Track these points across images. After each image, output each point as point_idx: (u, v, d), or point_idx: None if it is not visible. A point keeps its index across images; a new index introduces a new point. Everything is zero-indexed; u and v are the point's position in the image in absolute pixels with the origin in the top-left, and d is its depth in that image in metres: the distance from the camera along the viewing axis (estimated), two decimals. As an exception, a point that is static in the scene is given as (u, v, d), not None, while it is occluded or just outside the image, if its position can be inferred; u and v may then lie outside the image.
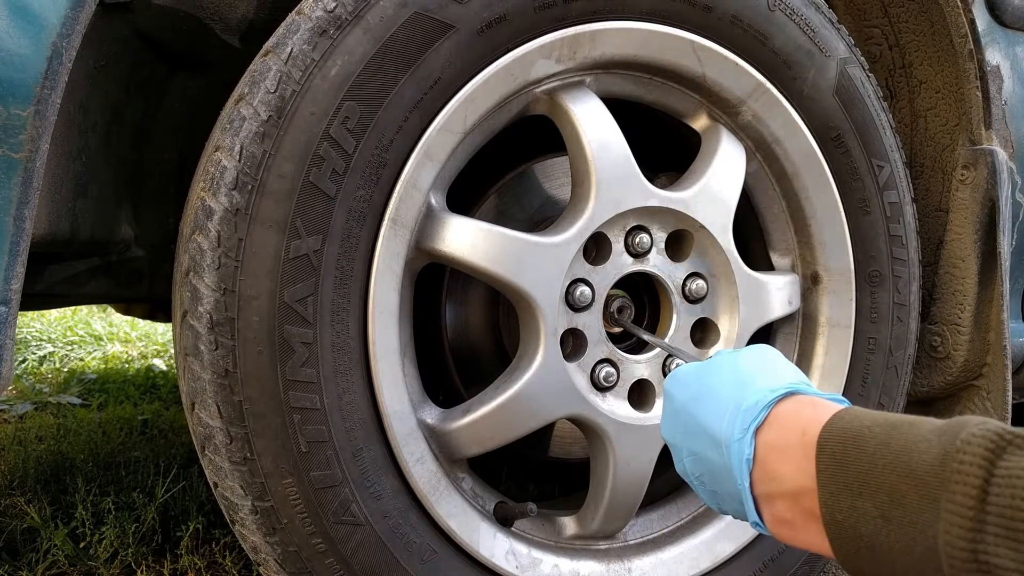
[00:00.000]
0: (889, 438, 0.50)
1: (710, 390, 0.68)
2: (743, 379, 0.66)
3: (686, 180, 1.09)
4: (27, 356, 2.98)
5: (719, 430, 0.64)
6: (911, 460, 0.48)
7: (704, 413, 0.67)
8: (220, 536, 1.35)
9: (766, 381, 0.64)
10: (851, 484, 0.51)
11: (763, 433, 0.60)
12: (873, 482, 0.50)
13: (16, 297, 0.74)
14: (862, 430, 0.52)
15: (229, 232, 0.81)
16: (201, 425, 0.85)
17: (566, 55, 0.97)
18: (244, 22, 1.04)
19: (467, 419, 0.97)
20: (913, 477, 0.47)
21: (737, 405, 0.63)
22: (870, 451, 0.51)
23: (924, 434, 0.49)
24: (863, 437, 0.52)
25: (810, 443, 0.56)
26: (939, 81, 1.29)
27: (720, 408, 0.65)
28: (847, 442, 0.53)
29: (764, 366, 0.68)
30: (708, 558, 1.11)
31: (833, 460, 0.53)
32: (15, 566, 1.24)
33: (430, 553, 0.93)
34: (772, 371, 0.66)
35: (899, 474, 0.48)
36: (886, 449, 0.50)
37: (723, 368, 0.69)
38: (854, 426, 0.53)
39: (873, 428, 0.52)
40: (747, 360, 0.69)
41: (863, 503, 0.50)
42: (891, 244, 1.19)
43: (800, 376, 0.66)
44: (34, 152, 0.73)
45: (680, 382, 0.73)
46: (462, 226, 0.94)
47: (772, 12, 1.06)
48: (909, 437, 0.49)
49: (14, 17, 0.72)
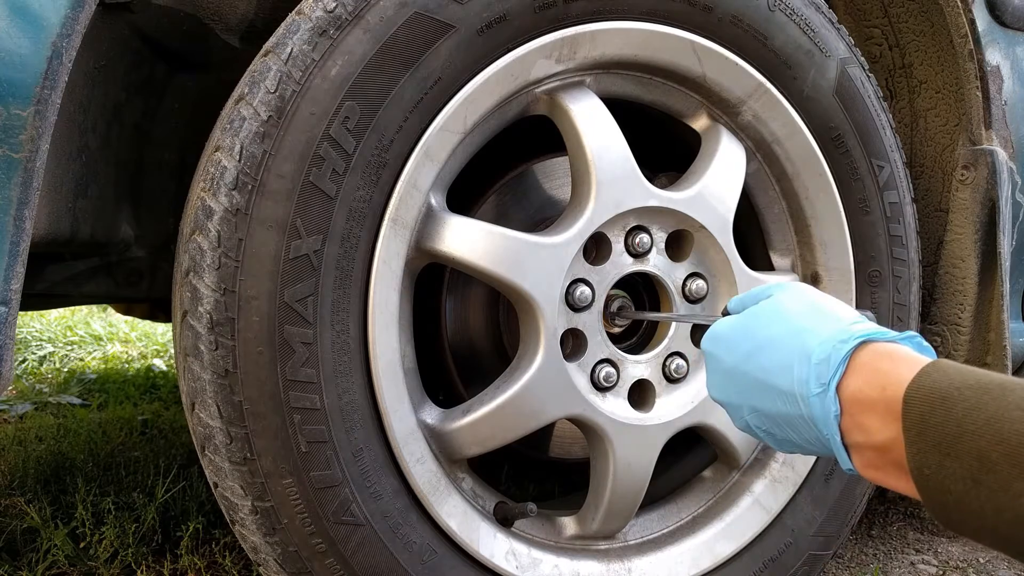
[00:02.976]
0: (980, 402, 0.50)
1: (767, 344, 0.66)
2: (799, 327, 0.64)
3: (686, 180, 1.09)
4: (27, 356, 2.98)
5: (789, 384, 0.63)
6: (1003, 428, 0.48)
7: (765, 369, 0.65)
8: (220, 536, 1.35)
9: (828, 328, 0.63)
10: (939, 444, 0.51)
11: (844, 387, 0.60)
12: (962, 445, 0.49)
13: (16, 297, 0.74)
14: (951, 391, 0.52)
15: (229, 232, 0.81)
16: (201, 425, 0.85)
17: (566, 55, 0.97)
18: (244, 22, 1.04)
19: (467, 419, 0.97)
20: (1005, 445, 0.47)
21: (805, 356, 0.62)
22: (958, 414, 0.50)
23: (1016, 401, 0.49)
24: (951, 398, 0.51)
25: (892, 399, 0.56)
26: (939, 81, 1.29)
27: (784, 362, 0.63)
28: (935, 402, 0.52)
29: (814, 309, 0.66)
30: (708, 558, 1.11)
31: (920, 419, 0.52)
32: (15, 566, 1.24)
33: (430, 553, 0.93)
34: (825, 314, 0.65)
35: (989, 440, 0.48)
36: (976, 413, 0.49)
37: (771, 319, 0.67)
38: (942, 385, 0.53)
39: (963, 390, 0.51)
40: (793, 305, 0.68)
41: (951, 463, 0.50)
42: (891, 244, 1.19)
43: (853, 314, 0.65)
44: (34, 152, 0.73)
45: (724, 340, 0.71)
46: (462, 226, 0.94)
47: (772, 12, 1.06)
48: (1001, 403, 0.49)
49: (14, 17, 0.72)
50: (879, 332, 0.62)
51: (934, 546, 1.54)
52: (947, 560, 1.48)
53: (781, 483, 1.16)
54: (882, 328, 0.63)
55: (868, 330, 0.62)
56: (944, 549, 1.53)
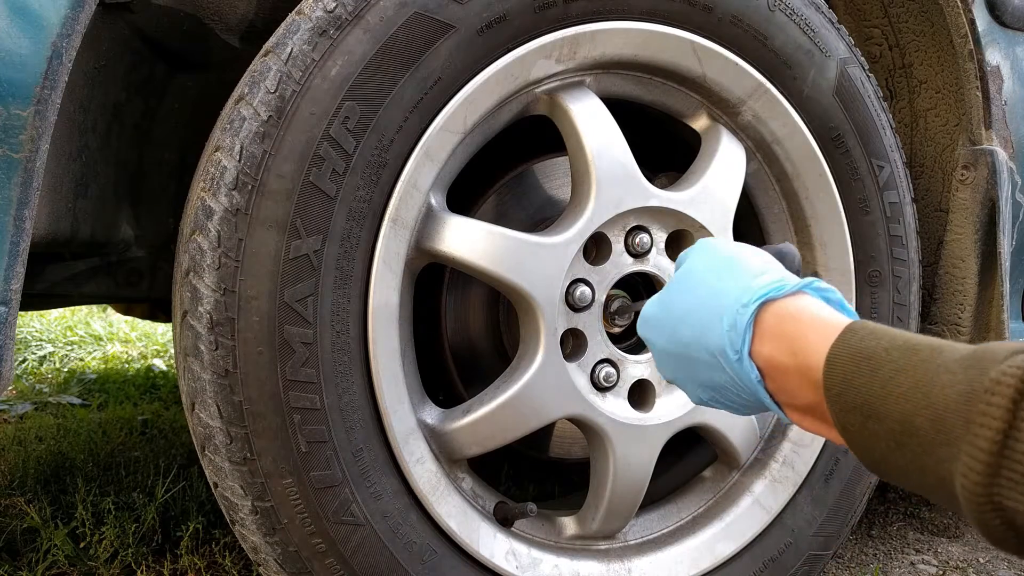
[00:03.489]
0: (907, 363, 0.48)
1: (683, 317, 0.65)
2: (706, 293, 0.64)
3: (686, 180, 1.09)
4: (27, 356, 2.98)
5: (711, 356, 0.62)
6: (931, 392, 0.46)
7: (688, 344, 0.65)
8: (220, 536, 1.35)
9: (733, 290, 0.62)
10: (860, 406, 0.50)
11: (757, 353, 0.59)
12: (885, 408, 0.48)
13: (16, 297, 0.74)
14: (877, 351, 0.51)
15: (229, 232, 0.81)
16: (201, 425, 0.85)
17: (566, 55, 0.97)
18: (244, 22, 1.04)
19: (467, 419, 0.97)
20: (931, 409, 0.46)
21: (717, 325, 0.61)
22: (884, 376, 0.49)
23: (947, 364, 0.47)
24: (877, 359, 0.50)
25: (804, 365, 0.56)
26: (939, 81, 1.29)
27: (701, 333, 0.63)
28: (860, 362, 0.51)
29: (717, 269, 0.65)
30: (708, 558, 1.11)
31: (843, 380, 0.51)
32: (15, 566, 1.24)
33: (430, 553, 0.93)
34: (734, 273, 0.64)
35: (915, 404, 0.47)
36: (902, 376, 0.48)
37: (683, 290, 0.67)
38: (868, 345, 0.51)
39: (890, 350, 0.50)
40: (699, 270, 0.67)
41: (873, 425, 0.49)
42: (891, 244, 1.19)
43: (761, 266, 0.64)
44: (34, 152, 0.73)
45: (651, 322, 0.70)
46: (462, 226, 0.94)
47: (772, 12, 1.06)
48: (929, 366, 0.47)
49: (14, 17, 0.72)
50: (776, 287, 0.60)
51: (934, 546, 1.54)
52: (947, 560, 1.48)
53: (781, 483, 1.16)
54: (784, 276, 0.62)
55: (767, 286, 0.60)
56: (944, 549, 1.53)
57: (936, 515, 1.69)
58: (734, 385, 0.62)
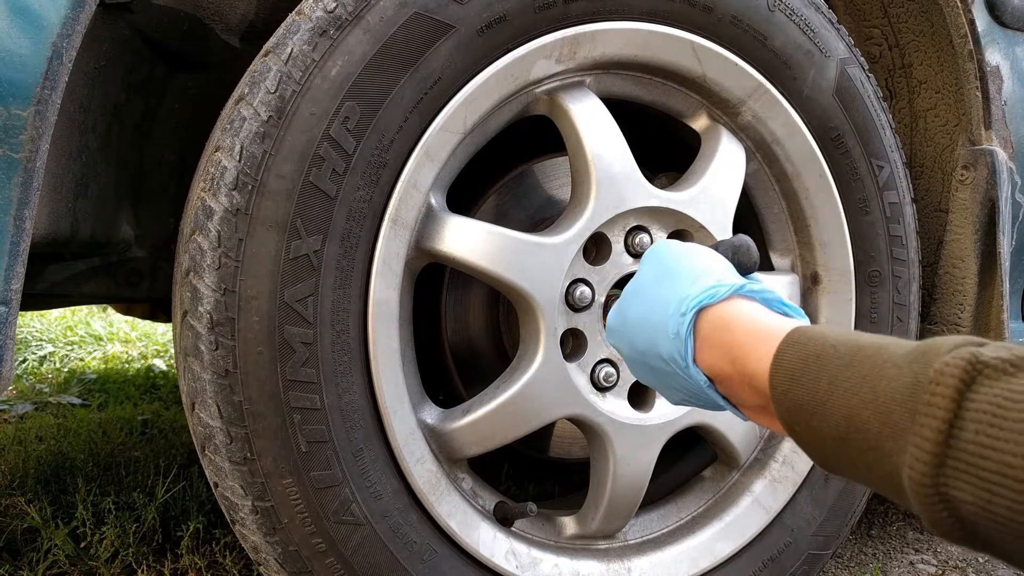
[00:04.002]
0: (854, 360, 0.49)
1: (636, 329, 0.67)
2: (652, 303, 0.65)
3: (686, 180, 1.09)
4: (27, 356, 2.98)
5: (665, 364, 0.64)
6: (877, 386, 0.46)
7: (645, 352, 0.66)
8: (220, 536, 1.35)
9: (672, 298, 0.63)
10: (806, 404, 0.50)
11: (700, 360, 0.60)
12: (832, 404, 0.48)
13: (16, 297, 0.74)
14: (825, 349, 0.51)
15: (229, 232, 0.81)
16: (201, 425, 0.85)
17: (566, 55, 0.97)
18: (244, 22, 1.04)
19: (467, 419, 0.97)
20: (878, 403, 0.46)
21: (664, 335, 0.63)
22: (831, 372, 0.49)
23: (892, 358, 0.47)
24: (824, 356, 0.50)
25: (743, 372, 0.56)
26: (939, 81, 1.29)
27: (652, 342, 0.64)
28: (808, 359, 0.51)
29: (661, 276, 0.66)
30: (708, 558, 1.11)
31: (790, 378, 0.52)
32: (15, 566, 1.24)
33: (430, 553, 0.93)
34: (672, 280, 0.65)
35: (861, 399, 0.47)
36: (849, 371, 0.48)
37: (633, 299, 0.68)
38: (816, 345, 0.52)
39: (837, 347, 0.50)
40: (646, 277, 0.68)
41: (819, 423, 0.49)
42: (891, 244, 1.19)
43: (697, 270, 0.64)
44: (34, 152, 0.73)
45: (613, 333, 0.72)
46: (462, 226, 0.94)
47: (772, 12, 1.06)
48: (876, 360, 0.48)
49: (14, 17, 0.72)
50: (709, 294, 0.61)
51: (933, 546, 1.54)
52: (946, 560, 1.48)
53: (781, 483, 1.16)
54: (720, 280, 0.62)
55: (700, 294, 0.61)
56: (944, 549, 1.53)
57: (936, 515, 1.69)
58: (692, 388, 0.63)
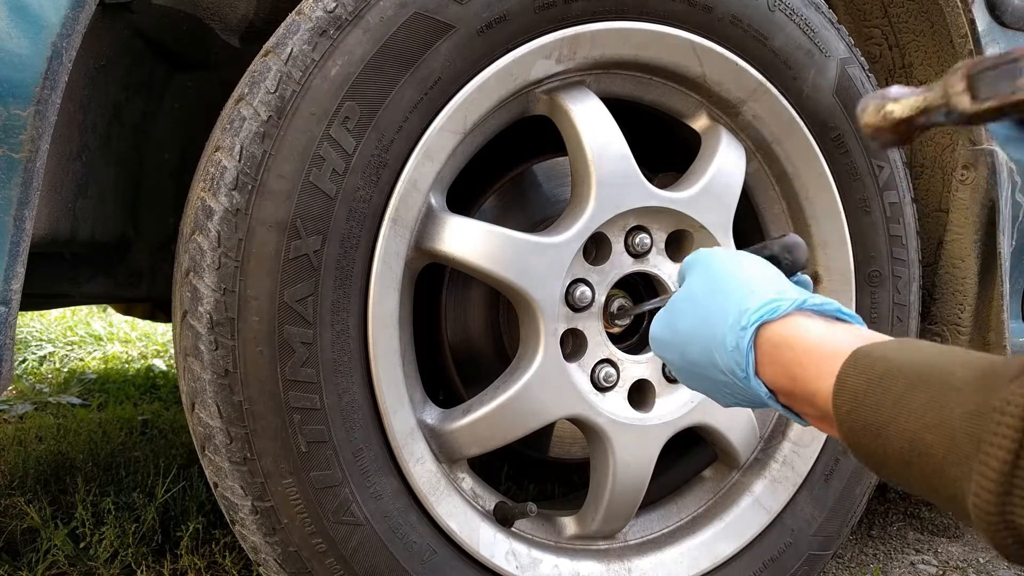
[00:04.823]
0: (919, 382, 0.49)
1: (688, 338, 0.67)
2: (706, 313, 0.65)
3: (686, 180, 1.09)
4: (27, 356, 2.97)
5: (723, 375, 0.64)
6: (942, 411, 0.47)
7: (699, 363, 0.66)
8: (220, 536, 1.35)
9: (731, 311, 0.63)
10: (870, 426, 0.51)
11: (762, 373, 0.61)
12: (896, 427, 0.49)
13: (16, 297, 0.74)
14: (890, 370, 0.51)
15: (229, 232, 0.81)
16: (201, 425, 0.85)
17: (566, 55, 0.97)
18: (244, 22, 1.04)
19: (467, 419, 0.97)
20: (941, 429, 0.46)
21: (721, 346, 0.63)
22: (895, 394, 0.50)
23: (958, 384, 0.47)
24: (888, 378, 0.51)
25: (804, 391, 0.57)
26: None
27: (708, 354, 0.65)
28: (871, 381, 0.52)
29: (714, 288, 0.66)
30: (708, 558, 1.11)
31: (853, 399, 0.52)
32: (15, 566, 1.24)
33: (430, 553, 0.93)
34: (730, 293, 0.65)
35: (925, 423, 0.47)
36: (913, 394, 0.49)
37: (684, 310, 0.69)
38: (879, 367, 0.52)
39: (903, 369, 0.51)
40: (699, 288, 0.68)
41: (883, 444, 0.50)
42: (891, 244, 1.19)
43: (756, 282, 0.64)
44: (34, 152, 0.73)
45: (661, 343, 0.72)
46: (462, 226, 0.94)
47: (772, 12, 1.06)
48: (941, 385, 0.48)
49: (14, 17, 0.72)
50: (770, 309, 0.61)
51: (934, 546, 1.54)
52: (947, 560, 1.48)
53: (781, 483, 1.16)
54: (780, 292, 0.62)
55: (761, 308, 0.61)
56: (944, 549, 1.53)
57: (936, 515, 1.69)
58: (748, 395, 0.64)
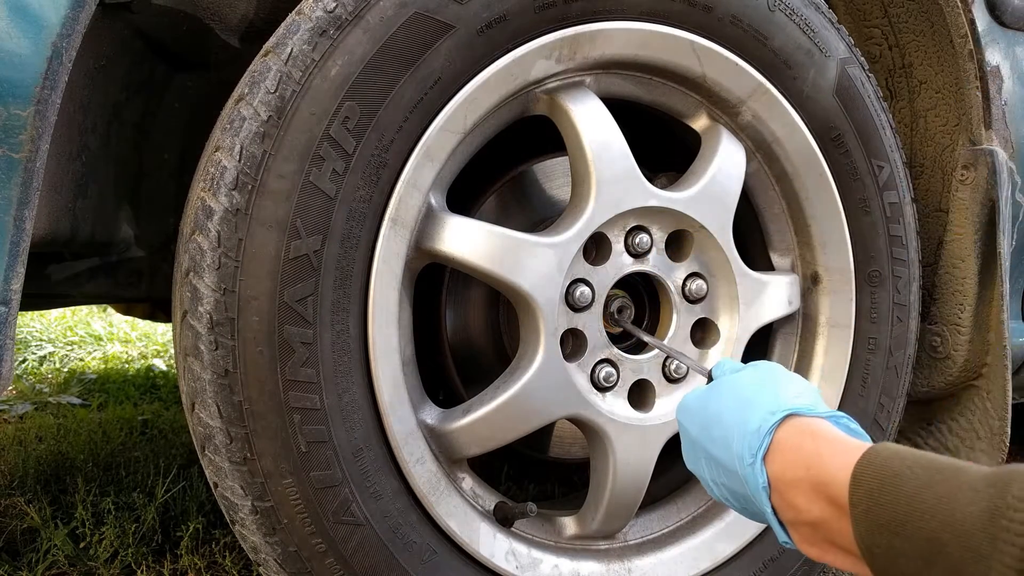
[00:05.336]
0: (932, 481, 0.50)
1: (715, 418, 0.67)
2: (744, 401, 0.65)
3: (686, 180, 1.09)
4: (27, 356, 2.97)
5: (729, 458, 0.64)
6: (955, 510, 0.47)
7: (713, 442, 0.67)
8: (220, 536, 1.35)
9: (767, 401, 0.63)
10: (887, 524, 0.50)
11: (771, 462, 0.60)
12: (912, 525, 0.49)
13: (16, 297, 0.74)
14: (903, 469, 0.52)
15: (229, 232, 0.81)
16: (201, 425, 0.85)
17: (566, 55, 0.97)
18: (244, 22, 1.04)
19: (467, 419, 0.97)
20: (956, 527, 0.47)
21: (743, 430, 0.63)
22: (909, 492, 0.50)
23: (970, 482, 0.48)
24: (902, 476, 0.51)
25: (817, 479, 0.56)
26: (939, 81, 1.29)
27: (727, 435, 0.65)
28: (885, 479, 0.52)
29: (764, 383, 0.67)
30: (708, 558, 1.11)
31: (869, 497, 0.52)
32: (15, 566, 1.24)
33: (430, 553, 0.93)
34: (773, 388, 0.65)
35: (941, 521, 0.48)
36: (927, 492, 0.49)
37: (723, 392, 0.69)
38: (893, 464, 0.53)
39: (914, 468, 0.51)
40: (746, 379, 0.69)
41: (901, 543, 0.50)
42: (891, 244, 1.19)
43: (801, 389, 0.65)
44: (34, 152, 0.73)
45: (688, 412, 0.73)
46: (462, 226, 0.94)
47: (772, 12, 1.05)
48: (953, 484, 0.49)
49: (14, 17, 0.72)
50: (808, 406, 0.62)
51: (934, 546, 1.54)
52: (947, 560, 1.48)
53: (781, 483, 1.16)
54: (820, 405, 0.63)
55: (799, 404, 0.62)
56: (944, 549, 1.52)
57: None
58: (744, 493, 0.64)
